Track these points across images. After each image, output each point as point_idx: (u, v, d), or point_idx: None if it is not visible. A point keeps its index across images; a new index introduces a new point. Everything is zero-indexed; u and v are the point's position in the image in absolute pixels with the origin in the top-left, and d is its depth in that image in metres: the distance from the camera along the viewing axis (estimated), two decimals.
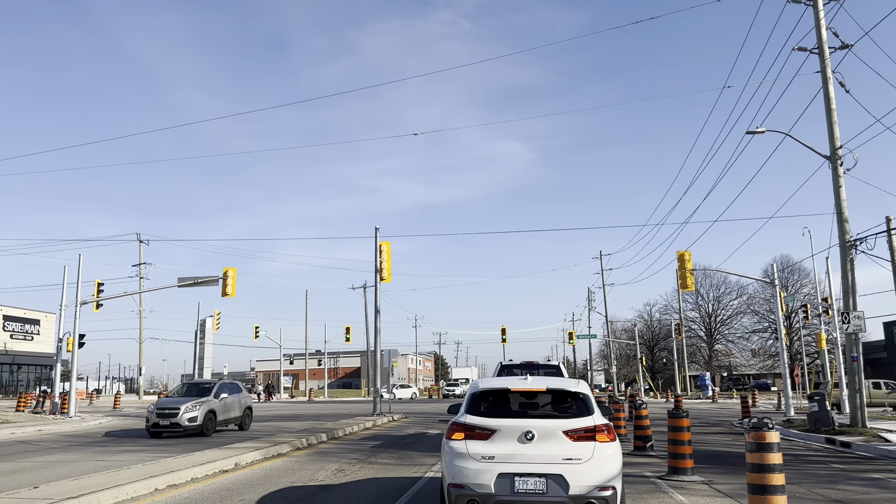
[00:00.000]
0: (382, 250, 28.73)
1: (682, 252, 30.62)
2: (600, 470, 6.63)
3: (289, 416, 31.78)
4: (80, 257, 32.02)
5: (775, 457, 7.25)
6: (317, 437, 17.17)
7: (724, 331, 79.27)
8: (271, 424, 24.99)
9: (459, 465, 6.78)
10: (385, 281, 28.73)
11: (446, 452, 7.04)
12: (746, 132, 21.55)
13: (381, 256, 28.58)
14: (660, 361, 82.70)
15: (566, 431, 6.81)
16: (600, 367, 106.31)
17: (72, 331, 32.67)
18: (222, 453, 13.14)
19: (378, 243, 28.61)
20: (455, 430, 7.09)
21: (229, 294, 31.75)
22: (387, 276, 28.71)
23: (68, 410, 30.58)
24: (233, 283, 31.87)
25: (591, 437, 6.81)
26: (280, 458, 13.66)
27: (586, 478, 6.56)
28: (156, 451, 15.46)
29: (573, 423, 6.89)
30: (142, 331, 67.58)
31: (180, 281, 32.33)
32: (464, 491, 6.65)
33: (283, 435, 17.85)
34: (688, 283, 30.34)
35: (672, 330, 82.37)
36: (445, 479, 6.93)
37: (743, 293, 77.49)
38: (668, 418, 11.60)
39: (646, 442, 14.85)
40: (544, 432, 6.81)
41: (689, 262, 30.44)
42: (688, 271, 30.31)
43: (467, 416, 7.17)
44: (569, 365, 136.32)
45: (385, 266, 28.65)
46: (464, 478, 6.68)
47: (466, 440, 6.95)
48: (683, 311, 72.92)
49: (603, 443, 6.81)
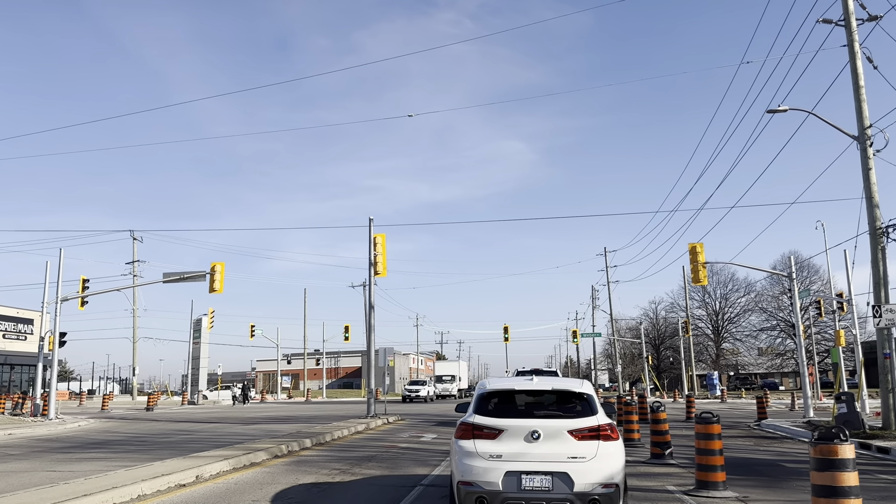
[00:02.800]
0: (377, 243, 27.17)
1: (695, 244, 29.02)
2: (604, 468, 6.76)
3: (280, 417, 30.24)
4: (60, 252, 30.53)
5: (850, 477, 5.69)
6: (300, 443, 15.60)
7: (731, 329, 77.58)
8: (259, 427, 23.46)
9: (468, 463, 6.94)
10: (380, 275, 27.18)
11: (455, 451, 7.19)
12: (767, 111, 19.95)
13: (375, 249, 27.02)
14: (666, 360, 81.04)
15: (571, 431, 6.95)
16: (604, 367, 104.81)
17: (53, 329, 31.13)
18: (185, 463, 11.58)
19: (372, 235, 27.04)
20: (464, 430, 7.24)
21: (217, 290, 30.21)
22: (382, 270, 27.15)
23: (48, 412, 29.11)
24: (220, 278, 30.34)
25: (595, 436, 6.94)
26: (251, 469, 12.09)
27: (590, 475, 6.72)
28: (121, 459, 13.92)
29: (578, 423, 7.02)
30: (135, 329, 66.16)
31: (166, 276, 30.81)
32: (473, 488, 6.81)
33: (264, 441, 16.29)
34: (700, 276, 28.73)
35: (678, 328, 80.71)
36: (455, 476, 7.09)
37: (751, 290, 75.87)
38: (697, 423, 10.01)
39: (664, 449, 13.26)
40: (550, 432, 6.95)
41: (701, 255, 28.83)
42: (700, 265, 28.70)
43: (475, 416, 7.32)
44: (572, 365, 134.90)
45: (380, 260, 27.08)
46: (473, 476, 6.84)
47: (475, 439, 7.09)
48: (690, 309, 71.23)
49: (606, 442, 6.93)
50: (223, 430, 22.47)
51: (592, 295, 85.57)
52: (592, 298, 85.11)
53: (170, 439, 19.36)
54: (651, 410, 13.60)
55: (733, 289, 76.63)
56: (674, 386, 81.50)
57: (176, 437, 19.95)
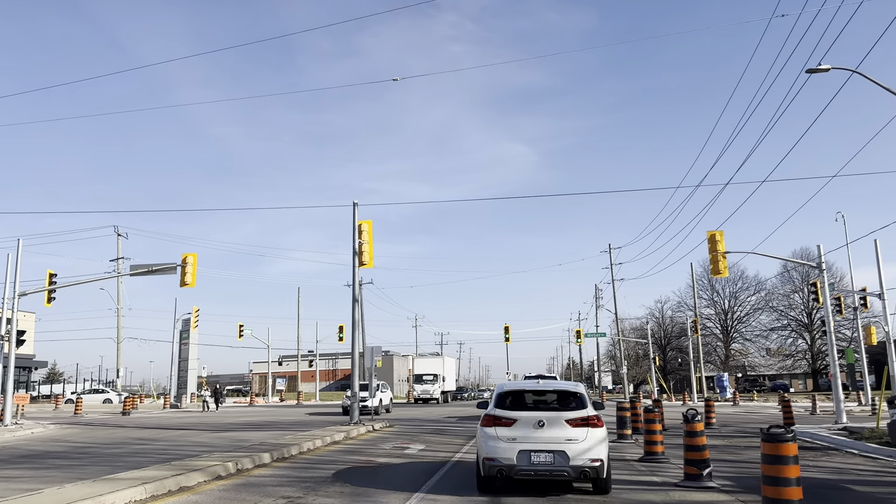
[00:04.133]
0: (363, 230, 24.48)
1: (714, 232, 26.32)
2: (592, 448, 9.23)
3: (258, 424, 27.55)
4: (18, 242, 27.86)
5: None
6: (255, 459, 12.93)
7: (740, 329, 74.81)
8: (228, 436, 20.79)
9: (491, 444, 9.42)
10: (366, 266, 24.49)
11: (481, 436, 9.64)
12: (806, 71, 17.25)
13: (360, 237, 24.33)
14: (674, 361, 78.22)
15: (567, 420, 9.42)
16: (608, 368, 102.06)
17: (11, 327, 28.45)
18: (87, 490, 8.92)
19: (356, 221, 24.35)
20: (487, 420, 9.71)
21: (189, 283, 27.57)
22: (368, 260, 24.46)
23: (4, 417, 26.46)
24: (192, 270, 27.68)
25: (586, 424, 9.38)
26: (174, 497, 9.42)
27: (582, 453, 9.17)
28: (28, 481, 11.24)
29: (572, 415, 9.51)
30: (119, 329, 63.53)
31: (133, 269, 28.15)
32: (495, 463, 9.30)
33: (212, 456, 13.59)
34: (720, 267, 26.02)
35: (685, 328, 77.89)
36: (481, 454, 9.55)
37: (761, 288, 73.12)
38: (765, 442, 7.33)
39: (702, 468, 10.56)
40: (551, 421, 9.43)
41: (721, 244, 26.13)
42: (720, 255, 26.00)
43: (496, 410, 9.75)
44: (574, 366, 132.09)
45: (366, 249, 24.40)
46: (494, 453, 9.33)
47: (495, 427, 9.55)
48: (698, 308, 68.50)
49: (594, 428, 9.39)
50: (185, 440, 19.79)
51: (596, 294, 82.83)
52: (596, 298, 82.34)
53: (116, 451, 16.68)
54: (685, 420, 10.90)
55: (743, 287, 74.03)
56: (680, 388, 78.70)
57: (125, 449, 17.26)
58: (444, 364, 59.13)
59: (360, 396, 43.88)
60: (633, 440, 18.37)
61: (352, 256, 23.93)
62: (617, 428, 18.72)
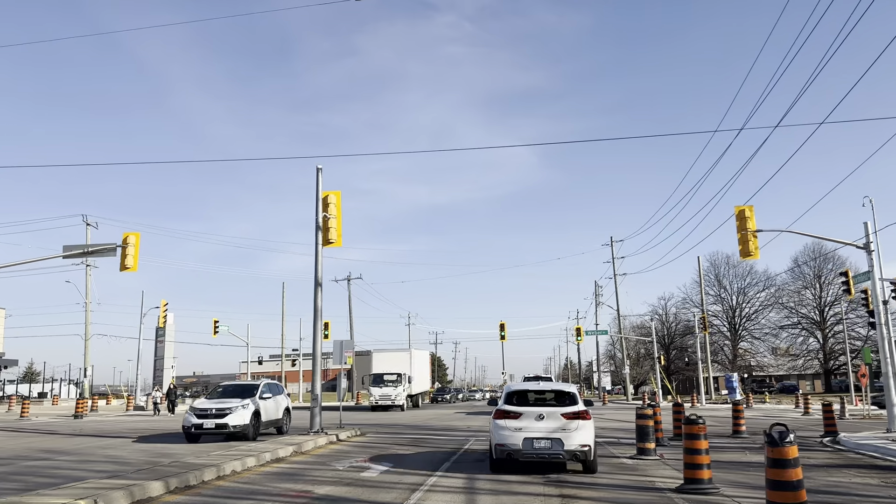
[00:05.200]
0: (329, 202, 20.57)
1: (743, 207, 22.50)
2: (582, 436, 11.45)
3: None
4: None
5: None
6: (134, 493, 9.03)
7: (749, 327, 70.97)
8: (153, 448, 16.90)
9: (501, 433, 11.58)
10: (333, 244, 20.60)
11: (493, 426, 11.80)
12: None
13: (326, 210, 20.43)
14: (678, 361, 74.38)
15: (562, 414, 11.62)
16: (607, 369, 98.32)
17: None
18: None
19: (320, 191, 20.43)
20: (498, 413, 11.86)
21: (130, 267, 23.68)
22: (336, 237, 20.57)
23: None
24: (134, 252, 23.79)
25: (577, 416, 11.60)
26: None
27: (574, 440, 11.37)
28: None
29: (566, 409, 11.75)
30: (87, 326, 59.05)
31: (66, 250, 24.18)
32: (504, 447, 11.49)
33: (78, 486, 9.65)
34: (750, 248, 22.16)
35: (690, 326, 73.97)
36: (493, 441, 11.74)
37: (771, 285, 69.34)
38: None
39: None
40: (550, 414, 11.62)
41: (751, 221, 22.31)
42: (750, 234, 22.16)
43: (505, 406, 11.98)
44: (572, 367, 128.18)
45: (333, 224, 20.50)
46: (504, 440, 11.51)
47: (505, 419, 11.70)
48: (704, 305, 64.64)
49: (584, 420, 11.60)
50: (99, 454, 15.83)
51: (596, 291, 79.07)
52: (595, 295, 78.59)
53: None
54: (770, 441, 7.03)
55: (752, 282, 70.19)
56: (683, 389, 74.90)
57: (6, 468, 13.31)
58: (413, 360, 46.20)
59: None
60: (657, 456, 14.53)
61: (314, 232, 20.01)
62: (637, 440, 14.86)
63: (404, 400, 41.80)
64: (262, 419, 19.20)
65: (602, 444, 18.07)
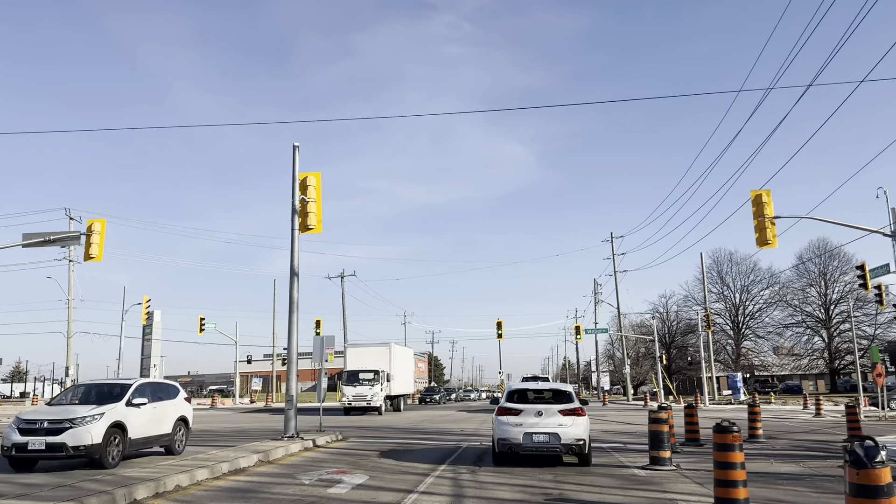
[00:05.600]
0: (308, 185, 18.71)
1: (759, 192, 20.73)
2: (577, 431, 12.39)
3: None
4: None
5: None
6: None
7: (752, 325, 69.22)
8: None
9: (504, 428, 12.52)
10: (312, 231, 18.73)
11: (496, 422, 12.77)
12: None
13: (304, 193, 18.59)
14: (679, 361, 72.59)
15: (559, 411, 12.62)
16: (605, 368, 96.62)
17: None
18: None
19: (297, 171, 18.59)
20: (500, 410, 12.90)
21: (95, 257, 21.85)
22: (315, 223, 18.71)
23: None
24: (100, 241, 21.97)
25: (573, 413, 12.63)
26: None
27: (570, 434, 12.31)
28: None
29: (563, 406, 12.75)
30: (70, 323, 57.19)
31: (26, 237, 22.32)
32: (506, 442, 12.44)
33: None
34: (768, 236, 20.39)
35: (692, 325, 72.20)
36: (495, 436, 12.70)
37: (775, 282, 67.60)
38: None
39: None
40: (548, 411, 12.60)
41: (768, 207, 20.54)
42: (768, 220, 20.39)
43: (507, 403, 13.04)
44: (570, 367, 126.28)
45: (312, 209, 18.65)
46: (506, 434, 12.46)
47: (507, 415, 12.63)
48: (707, 303, 62.86)
49: (579, 417, 12.58)
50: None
51: (595, 289, 77.34)
52: (595, 293, 76.87)
53: None
54: (855, 460, 5.23)
55: (755, 280, 68.41)
56: (683, 389, 73.15)
57: None
58: (394, 357, 40.26)
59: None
60: (673, 467, 12.71)
61: (290, 216, 18.16)
62: (650, 448, 13.04)
63: (382, 401, 36.26)
64: (132, 435, 13.26)
65: (607, 449, 16.28)
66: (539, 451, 12.35)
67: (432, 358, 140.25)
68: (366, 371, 36.70)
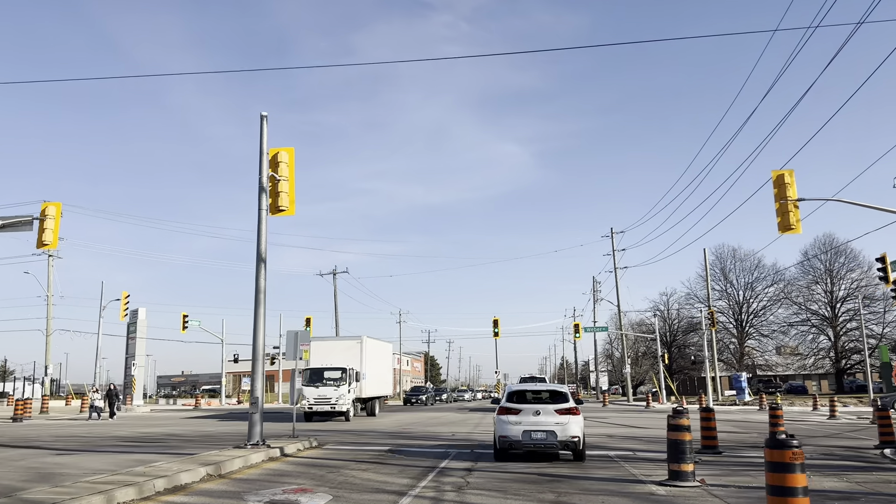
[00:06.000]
0: (280, 161, 16.67)
1: (782, 172, 18.76)
2: (572, 428, 13.33)
3: (129, 440, 19.86)
4: None
5: None
6: None
7: (756, 323, 67.30)
8: (49, 464, 13.01)
9: (504, 426, 13.46)
10: (285, 213, 16.70)
11: (497, 421, 13.75)
12: None
13: (276, 170, 16.56)
14: (683, 359, 70.61)
15: (555, 410, 13.55)
16: (603, 368, 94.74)
17: None
18: None
19: (266, 144, 16.55)
20: (501, 410, 13.79)
21: (49, 244, 19.91)
22: (287, 204, 16.68)
23: None
24: (54, 227, 19.97)
25: (568, 412, 13.53)
26: None
27: (565, 432, 13.27)
28: None
29: (559, 406, 13.69)
30: (49, 320, 55.23)
31: None
32: (506, 439, 13.37)
33: None
34: (791, 221, 18.41)
35: (694, 323, 70.25)
36: (497, 434, 13.68)
37: (779, 279, 65.68)
38: None
39: None
40: (545, 411, 13.53)
41: (791, 188, 18.58)
42: (791, 202, 18.42)
43: (507, 403, 13.92)
44: (567, 367, 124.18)
45: (284, 188, 16.62)
46: (506, 432, 13.43)
47: (507, 414, 13.62)
48: (709, 301, 60.87)
49: (574, 416, 13.51)
50: None
51: (594, 287, 75.43)
52: (594, 291, 74.95)
53: None
54: None
55: (759, 277, 66.45)
56: (684, 390, 71.20)
57: None
58: (365, 352, 33.93)
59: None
60: (697, 483, 10.71)
61: (258, 194, 16.14)
62: (669, 460, 11.05)
63: (349, 405, 30.74)
64: None
65: (615, 458, 14.32)
66: (537, 447, 13.38)
67: (428, 357, 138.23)
68: (331, 369, 31.28)
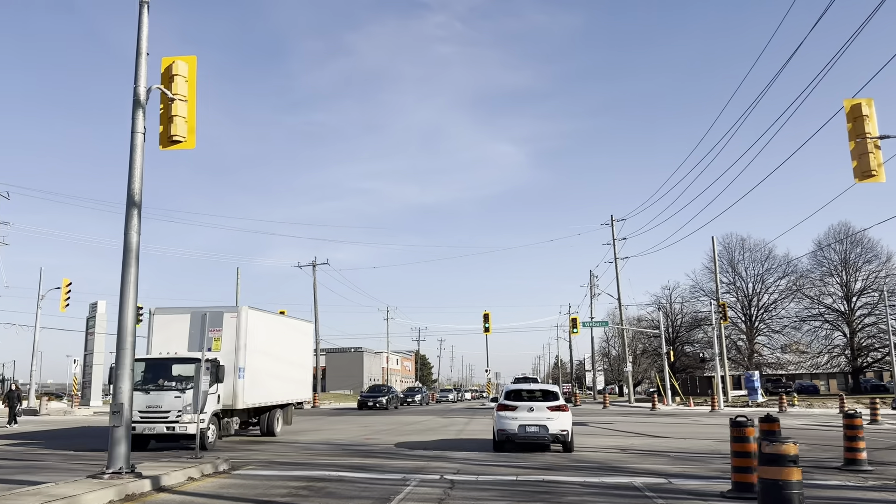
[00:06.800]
0: (177, 74, 11.90)
1: (858, 101, 14.12)
2: (562, 423, 15.45)
3: None
4: None
5: None
6: None
7: (766, 319, 62.81)
8: None
9: (502, 421, 15.61)
10: (183, 145, 11.98)
11: (496, 417, 15.98)
12: None
13: (170, 87, 11.79)
14: (687, 357, 66.08)
15: (547, 407, 15.61)
16: (600, 367, 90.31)
17: None
18: None
19: (144, 40, 11.69)
20: (500, 407, 16.03)
21: None
22: (185, 135, 11.94)
23: None
24: None
25: (558, 409, 15.62)
26: None
27: (556, 426, 15.33)
28: None
29: (550, 403, 15.76)
30: None
31: None
32: (504, 432, 15.55)
33: None
34: (872, 164, 13.79)
35: (698, 318, 65.80)
36: (495, 428, 15.97)
37: (791, 271, 61.27)
38: None
39: None
40: (537, 407, 15.63)
41: (871, 122, 13.97)
42: (871, 141, 13.80)
43: (505, 401, 16.07)
44: (562, 366, 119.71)
45: (183, 111, 11.86)
46: (504, 426, 15.54)
47: (505, 410, 15.76)
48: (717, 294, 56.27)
49: (563, 412, 15.58)
50: None
51: (591, 281, 70.88)
52: (591, 286, 70.40)
53: None
54: None
55: (770, 269, 61.94)
56: (686, 389, 66.73)
57: None
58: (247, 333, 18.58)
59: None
60: None
61: (131, 111, 11.37)
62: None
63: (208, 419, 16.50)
64: None
65: (642, 490, 9.56)
66: (530, 439, 15.46)
67: (419, 356, 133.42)
68: (179, 361, 17.04)
